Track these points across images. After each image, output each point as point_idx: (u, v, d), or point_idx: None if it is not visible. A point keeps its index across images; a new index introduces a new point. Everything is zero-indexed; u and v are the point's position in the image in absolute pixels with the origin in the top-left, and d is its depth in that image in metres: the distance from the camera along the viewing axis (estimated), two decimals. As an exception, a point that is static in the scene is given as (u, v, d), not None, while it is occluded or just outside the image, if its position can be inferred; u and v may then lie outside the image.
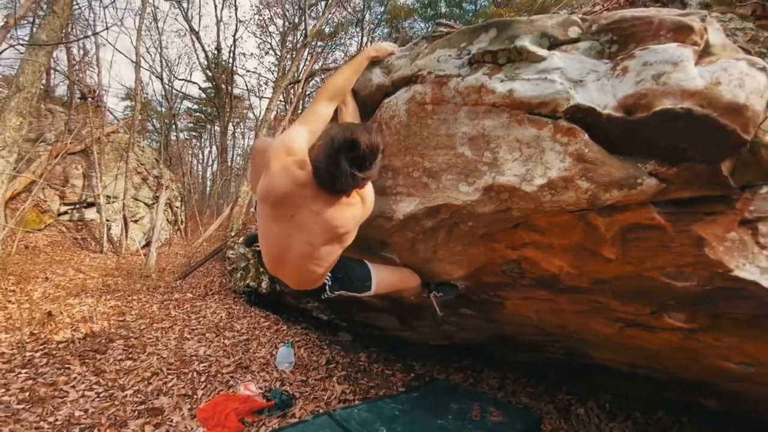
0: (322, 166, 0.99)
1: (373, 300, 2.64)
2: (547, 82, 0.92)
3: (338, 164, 0.96)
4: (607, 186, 0.93)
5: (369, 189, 1.15)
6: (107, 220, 8.98)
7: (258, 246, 1.28)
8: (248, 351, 3.25)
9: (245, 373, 2.85)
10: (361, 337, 3.79)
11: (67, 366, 2.63)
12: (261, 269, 4.41)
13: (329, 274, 1.31)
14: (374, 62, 1.30)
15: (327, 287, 1.32)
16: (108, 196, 9.56)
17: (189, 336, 3.53)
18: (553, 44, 0.97)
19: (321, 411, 2.44)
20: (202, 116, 22.16)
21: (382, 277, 1.44)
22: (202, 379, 2.71)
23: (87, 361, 2.76)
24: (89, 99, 10.08)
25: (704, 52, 0.83)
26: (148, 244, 10.44)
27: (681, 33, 0.82)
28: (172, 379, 2.65)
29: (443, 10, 16.78)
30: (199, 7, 21.25)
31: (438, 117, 1.10)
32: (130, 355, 2.95)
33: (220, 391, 2.56)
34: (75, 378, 2.49)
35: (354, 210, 1.11)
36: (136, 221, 10.50)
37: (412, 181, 1.22)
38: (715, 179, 0.90)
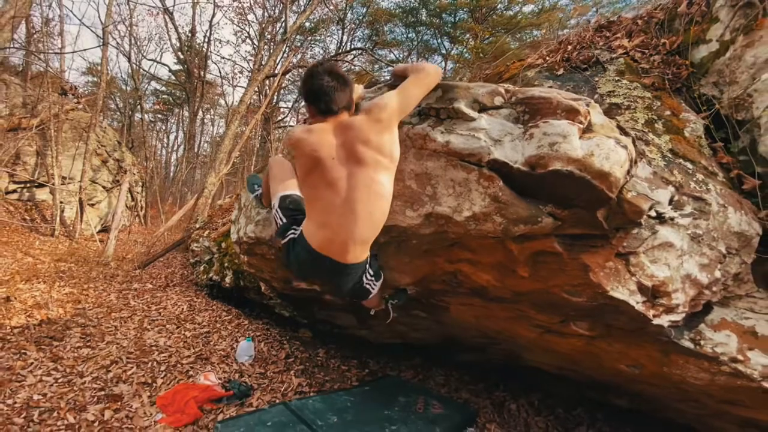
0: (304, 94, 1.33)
1: (334, 298, 2.85)
2: (474, 139, 1.18)
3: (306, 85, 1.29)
4: (515, 221, 1.20)
5: (376, 102, 1.26)
6: (61, 202, 8.59)
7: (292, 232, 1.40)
8: (209, 343, 3.36)
9: (205, 364, 2.97)
10: (320, 334, 3.98)
11: (23, 351, 2.65)
12: (225, 264, 4.49)
13: (370, 274, 1.47)
14: None
15: (370, 277, 1.45)
16: (63, 177, 9.14)
17: (149, 326, 3.58)
18: (482, 108, 1.23)
19: (277, 401, 2.61)
20: (170, 99, 21.38)
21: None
22: (162, 368, 2.80)
23: (43, 347, 2.78)
24: (70, 95, 9.53)
25: (587, 129, 1.11)
26: (103, 230, 10.08)
27: (571, 113, 1.10)
28: (132, 367, 2.73)
29: (423, 18, 17.21)
30: (175, -14, 20.43)
31: (392, 154, 1.34)
32: (88, 343, 2.98)
33: (180, 380, 2.67)
34: (32, 363, 2.53)
35: (362, 119, 1.23)
36: (92, 205, 10.09)
37: (369, 203, 1.45)
38: (593, 222, 1.19)
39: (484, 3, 15.10)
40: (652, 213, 1.29)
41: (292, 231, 1.42)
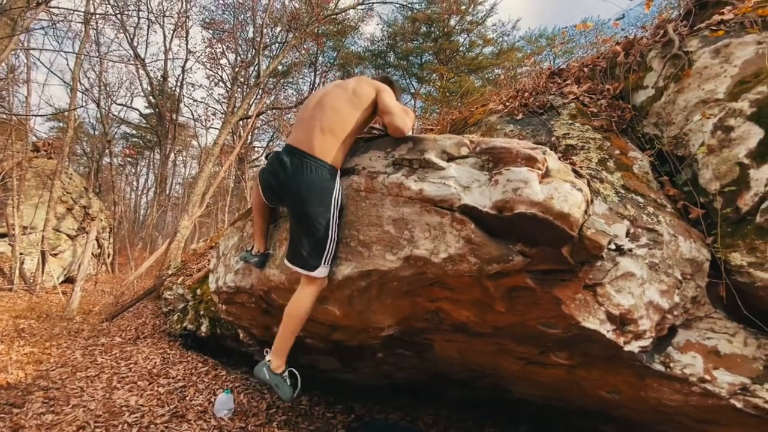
0: None
1: (316, 342, 2.80)
2: (445, 186, 1.27)
3: None
4: (488, 261, 1.28)
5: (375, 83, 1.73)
6: (21, 254, 8.13)
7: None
8: (184, 399, 3.18)
9: (181, 422, 2.80)
10: (302, 381, 3.84)
11: (-22, 423, 2.44)
12: (201, 312, 4.34)
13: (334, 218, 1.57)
14: None
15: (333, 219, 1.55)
16: (24, 227, 8.71)
17: (118, 385, 3.37)
18: (450, 158, 1.34)
19: (260, 457, 2.49)
20: (141, 142, 21.13)
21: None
22: (134, 430, 2.63)
23: (2, 416, 2.56)
24: (43, 151, 9.31)
25: (546, 174, 1.22)
26: (67, 280, 9.55)
27: (530, 161, 1.21)
28: (101, 432, 2.55)
29: (392, 60, 18.13)
30: (147, 34, 20.77)
31: (370, 202, 1.42)
32: (52, 408, 2.77)
33: (154, 442, 2.51)
34: (-12, 437, 2.32)
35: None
36: (55, 255, 9.60)
37: (350, 249, 1.51)
38: (560, 258, 1.28)
39: (447, 46, 16.17)
40: (612, 246, 1.39)
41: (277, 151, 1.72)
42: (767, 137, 1.47)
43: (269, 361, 1.79)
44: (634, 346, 1.47)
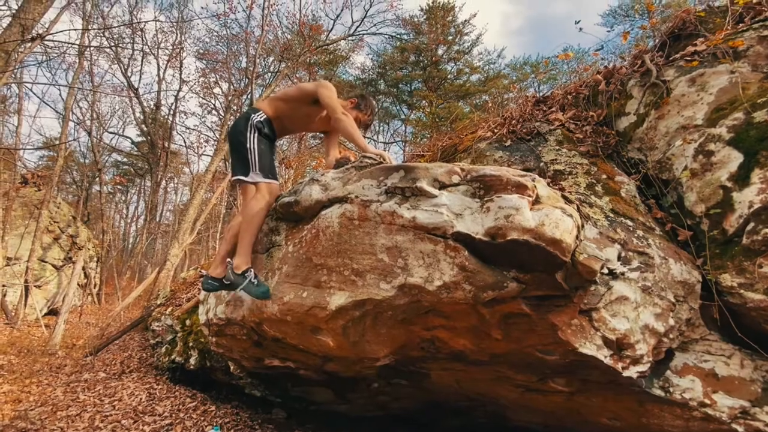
0: None
1: (310, 373, 2.72)
2: (438, 214, 1.28)
3: None
4: (483, 288, 1.28)
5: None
6: (3, 286, 7.88)
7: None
8: (171, 437, 3.04)
9: (167, 463, 2.66)
10: (295, 414, 3.71)
11: (-53, 472, 2.28)
12: (190, 343, 4.21)
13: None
14: (315, 180, 1.63)
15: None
16: (9, 258, 8.50)
17: (101, 424, 3.20)
18: (442, 186, 1.36)
19: (250, 499, 2.35)
20: (132, 170, 21.06)
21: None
22: (116, 474, 2.48)
23: (-26, 463, 2.41)
24: (31, 183, 9.25)
25: (536, 201, 1.24)
26: (51, 312, 9.23)
27: (521, 188, 1.23)
28: (80, 477, 2.40)
29: (382, 87, 18.62)
30: (141, 65, 21.09)
31: (363, 230, 1.42)
32: (29, 452, 2.62)
33: (137, 487, 2.37)
34: (-42, 486, 2.17)
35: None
36: (39, 286, 9.31)
37: (343, 278, 1.50)
38: (554, 283, 1.28)
39: (435, 74, 16.71)
40: (605, 270, 1.40)
41: None
42: (747, 161, 1.52)
43: (234, 267, 1.91)
44: (632, 372, 1.45)
